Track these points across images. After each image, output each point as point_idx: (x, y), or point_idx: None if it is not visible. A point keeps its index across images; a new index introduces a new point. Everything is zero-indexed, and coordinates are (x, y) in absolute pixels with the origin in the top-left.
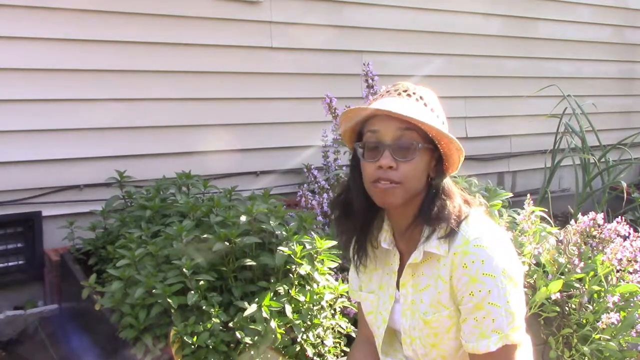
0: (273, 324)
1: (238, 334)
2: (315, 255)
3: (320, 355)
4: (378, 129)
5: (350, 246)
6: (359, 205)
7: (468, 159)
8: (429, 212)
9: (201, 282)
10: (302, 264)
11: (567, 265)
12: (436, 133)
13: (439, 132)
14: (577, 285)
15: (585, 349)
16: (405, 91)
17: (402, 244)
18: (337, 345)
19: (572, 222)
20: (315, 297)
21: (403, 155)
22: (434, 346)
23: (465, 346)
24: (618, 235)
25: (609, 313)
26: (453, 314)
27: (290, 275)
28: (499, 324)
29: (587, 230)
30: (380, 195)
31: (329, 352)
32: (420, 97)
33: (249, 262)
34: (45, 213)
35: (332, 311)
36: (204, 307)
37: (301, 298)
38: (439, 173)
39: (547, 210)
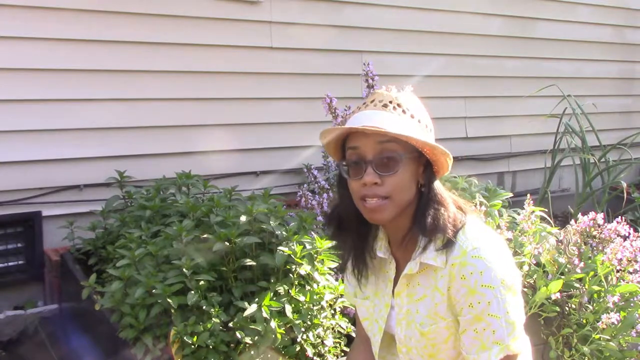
0: (273, 324)
1: (238, 334)
2: (315, 255)
3: (320, 355)
4: (358, 146)
5: (348, 260)
6: (351, 220)
7: (468, 159)
8: (423, 223)
9: (201, 282)
10: (302, 264)
11: (567, 265)
12: (416, 142)
13: (419, 141)
14: (577, 285)
15: (585, 349)
16: (381, 101)
17: (399, 253)
18: (337, 345)
19: (572, 222)
20: (315, 297)
21: (386, 169)
22: (431, 356)
23: (466, 358)
24: (618, 235)
25: (609, 313)
26: (451, 325)
27: (290, 275)
28: (499, 335)
29: (587, 230)
30: (369, 213)
31: (329, 352)
32: (398, 105)
33: (249, 262)
34: (45, 213)
35: (332, 311)
36: (204, 307)
37: (301, 298)
38: (429, 179)
39: (547, 210)
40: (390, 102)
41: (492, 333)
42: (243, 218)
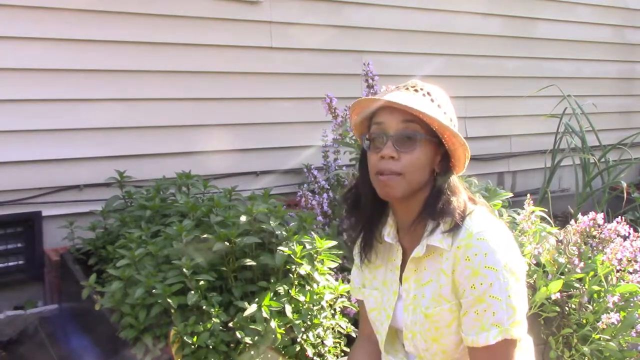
0: (273, 324)
1: (238, 334)
2: (315, 255)
3: (320, 355)
4: (383, 121)
5: (357, 240)
6: (366, 198)
7: None
8: (433, 207)
9: (201, 282)
10: (302, 264)
11: (567, 265)
12: (438, 125)
13: (441, 124)
14: (577, 285)
15: (585, 349)
16: (413, 87)
17: (406, 240)
18: (337, 345)
19: (572, 222)
20: (315, 297)
21: (404, 146)
22: (434, 340)
23: (465, 339)
24: (618, 235)
25: (609, 313)
26: (454, 308)
27: (290, 275)
28: (499, 318)
29: (587, 230)
30: (381, 187)
31: (329, 352)
32: (428, 93)
33: (249, 262)
34: (45, 213)
35: (332, 311)
36: (204, 307)
37: (301, 298)
38: (445, 170)
39: (547, 210)
40: (422, 88)
41: (492, 315)
42: (243, 218)
